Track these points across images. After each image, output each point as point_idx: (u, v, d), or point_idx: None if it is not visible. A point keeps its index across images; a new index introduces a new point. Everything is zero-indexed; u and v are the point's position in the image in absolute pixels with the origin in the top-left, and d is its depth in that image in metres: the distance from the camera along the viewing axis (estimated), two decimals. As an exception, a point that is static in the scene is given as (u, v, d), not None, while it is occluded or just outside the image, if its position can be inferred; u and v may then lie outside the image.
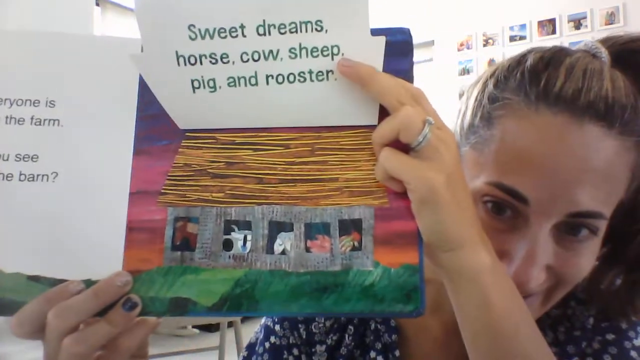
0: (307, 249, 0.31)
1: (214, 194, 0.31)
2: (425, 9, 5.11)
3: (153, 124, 0.32)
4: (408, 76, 0.32)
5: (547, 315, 0.46)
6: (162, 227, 0.31)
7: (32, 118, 0.30)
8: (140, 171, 0.31)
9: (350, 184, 0.31)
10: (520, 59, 0.42)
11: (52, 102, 0.31)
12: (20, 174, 0.30)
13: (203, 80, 0.29)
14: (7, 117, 0.30)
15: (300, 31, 0.28)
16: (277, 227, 0.31)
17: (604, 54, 0.40)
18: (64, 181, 0.31)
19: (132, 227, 0.31)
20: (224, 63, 0.29)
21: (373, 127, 0.31)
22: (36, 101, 0.30)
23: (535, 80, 0.38)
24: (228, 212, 0.31)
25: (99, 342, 0.29)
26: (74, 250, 0.30)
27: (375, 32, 0.31)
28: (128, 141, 0.31)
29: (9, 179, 0.30)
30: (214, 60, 0.28)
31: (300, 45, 0.29)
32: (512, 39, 4.60)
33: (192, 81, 0.29)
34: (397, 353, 0.48)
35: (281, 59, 0.29)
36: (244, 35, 0.28)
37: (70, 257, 0.30)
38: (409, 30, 0.34)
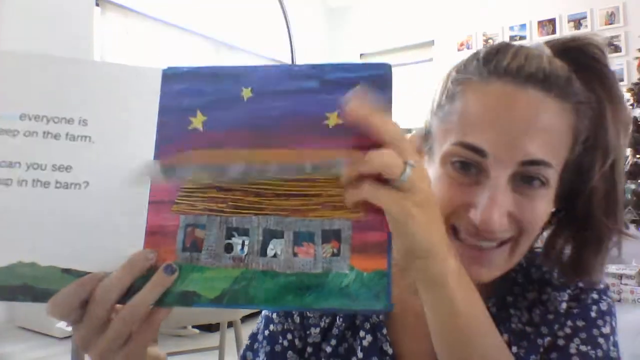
0: (295, 254, 0.36)
1: (218, 205, 0.37)
2: (425, 9, 5.11)
3: (169, 143, 0.37)
4: (387, 108, 0.36)
5: (524, 298, 0.54)
6: (174, 232, 0.36)
7: (66, 134, 0.35)
8: (157, 183, 0.37)
9: (332, 199, 0.37)
10: (476, 52, 0.51)
11: (84, 121, 0.36)
12: (56, 182, 0.35)
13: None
14: (44, 132, 0.35)
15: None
16: (270, 234, 0.36)
17: (545, 48, 0.49)
18: (93, 189, 0.36)
19: (150, 230, 0.36)
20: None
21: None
22: (71, 119, 0.35)
23: (488, 62, 0.47)
24: (230, 221, 0.37)
25: (142, 312, 0.35)
26: (101, 249, 0.35)
27: (355, 67, 0.37)
28: (148, 157, 0.36)
29: (46, 186, 0.35)
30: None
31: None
32: (512, 39, 4.60)
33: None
34: (384, 331, 0.55)
35: None
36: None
37: (97, 254, 0.35)
38: (389, 66, 0.37)
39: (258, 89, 0.37)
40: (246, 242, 0.36)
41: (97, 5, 3.34)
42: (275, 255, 0.36)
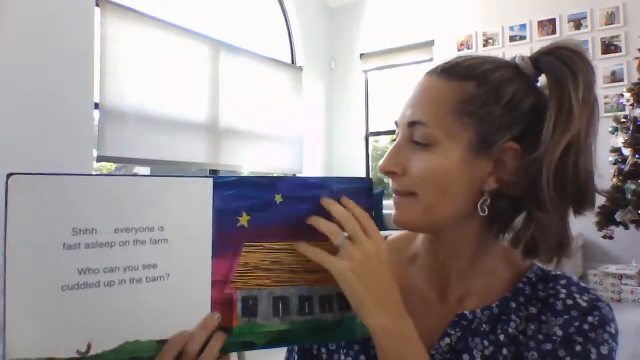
0: (321, 311, 0.53)
1: (264, 281, 0.50)
2: (425, 9, 5.11)
3: (224, 238, 0.49)
4: (368, 210, 0.53)
5: (526, 309, 0.57)
6: (234, 302, 0.49)
7: (150, 239, 0.45)
8: (218, 268, 0.48)
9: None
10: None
11: (161, 227, 0.46)
12: (146, 278, 0.45)
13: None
14: (134, 241, 0.45)
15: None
16: (303, 299, 0.52)
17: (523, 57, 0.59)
18: (174, 279, 0.46)
19: (214, 302, 0.48)
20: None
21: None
22: (152, 228, 0.45)
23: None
24: (274, 292, 0.51)
25: (213, 358, 0.47)
26: (182, 321, 0.47)
27: (349, 180, 0.53)
28: (208, 250, 0.48)
29: (139, 282, 0.45)
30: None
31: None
32: (512, 39, 4.60)
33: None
34: None
35: None
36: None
37: (179, 324, 0.47)
38: (369, 179, 0.55)
39: (286, 195, 0.50)
40: (285, 306, 0.51)
41: (97, 5, 3.34)
42: (309, 313, 0.52)
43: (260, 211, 0.49)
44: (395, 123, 0.60)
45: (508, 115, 0.54)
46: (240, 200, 0.49)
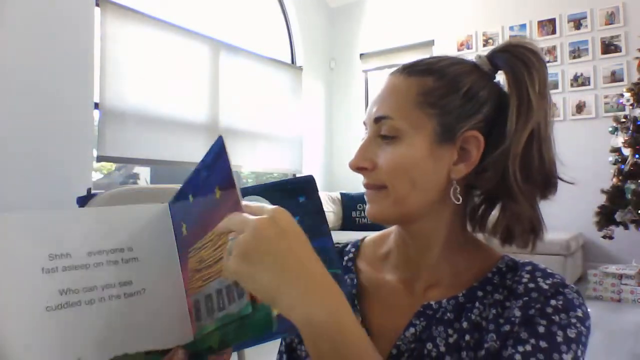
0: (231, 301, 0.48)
1: (198, 282, 0.49)
2: (425, 9, 5.11)
3: (181, 250, 0.51)
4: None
5: (491, 296, 0.57)
6: (191, 310, 0.50)
7: (121, 259, 0.48)
8: (184, 279, 0.51)
9: None
10: None
11: (130, 248, 0.49)
12: (124, 294, 0.48)
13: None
14: (107, 261, 0.48)
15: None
16: (218, 293, 0.47)
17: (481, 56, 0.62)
18: (149, 293, 0.49)
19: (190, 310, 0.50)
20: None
21: None
22: (121, 249, 0.49)
23: None
24: (205, 291, 0.48)
25: None
26: (167, 331, 0.49)
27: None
28: (176, 263, 0.51)
29: (118, 298, 0.47)
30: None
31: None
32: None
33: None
34: (355, 302, 0.63)
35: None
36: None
37: (163, 335, 0.49)
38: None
39: (196, 192, 0.51)
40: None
41: (97, 5, 3.34)
42: (222, 308, 0.46)
43: (188, 215, 0.51)
44: (364, 123, 0.62)
45: (467, 104, 0.58)
46: (180, 213, 0.52)
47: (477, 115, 0.58)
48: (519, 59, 0.58)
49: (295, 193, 0.57)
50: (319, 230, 0.56)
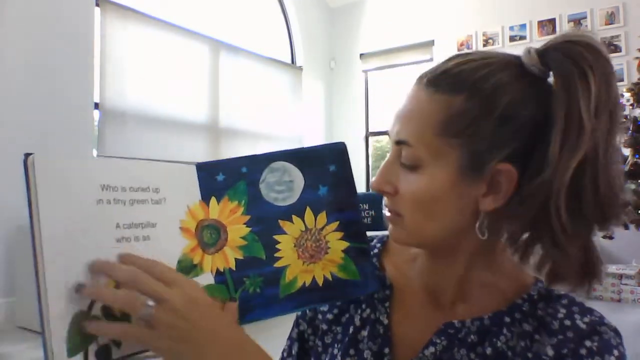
0: None
1: None
2: (425, 9, 5.11)
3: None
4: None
5: (520, 325, 0.52)
6: None
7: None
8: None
9: None
10: None
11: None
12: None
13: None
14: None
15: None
16: None
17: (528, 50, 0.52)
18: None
19: None
20: None
21: None
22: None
23: None
24: None
25: None
26: None
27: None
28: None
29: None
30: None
31: None
32: (512, 39, 4.60)
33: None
34: (386, 304, 0.59)
35: None
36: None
37: None
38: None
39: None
40: None
41: (97, 5, 3.34)
42: None
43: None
44: (388, 134, 0.57)
45: (502, 129, 0.48)
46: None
47: (512, 143, 0.48)
48: (573, 60, 0.46)
49: (326, 161, 0.54)
50: (349, 202, 0.55)
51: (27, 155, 0.41)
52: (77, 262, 0.42)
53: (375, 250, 0.64)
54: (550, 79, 0.49)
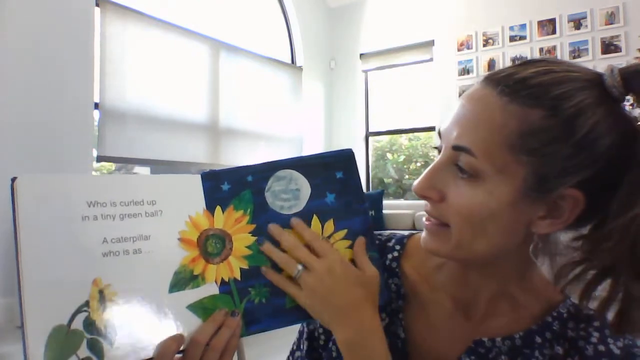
0: None
1: None
2: (425, 9, 5.11)
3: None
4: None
5: (550, 346, 0.51)
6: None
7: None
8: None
9: None
10: None
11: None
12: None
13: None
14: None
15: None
16: None
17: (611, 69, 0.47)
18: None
19: None
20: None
21: None
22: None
23: None
24: None
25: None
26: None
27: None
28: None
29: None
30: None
31: None
32: (512, 38, 4.60)
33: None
34: (400, 316, 0.58)
35: None
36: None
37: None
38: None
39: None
40: None
41: (97, 5, 3.34)
42: None
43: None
44: (438, 134, 0.52)
45: (579, 155, 0.44)
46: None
47: (585, 171, 0.45)
48: None
49: (333, 168, 0.54)
50: (356, 209, 0.54)
51: (13, 179, 0.43)
52: (61, 277, 0.44)
53: (395, 254, 0.61)
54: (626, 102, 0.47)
